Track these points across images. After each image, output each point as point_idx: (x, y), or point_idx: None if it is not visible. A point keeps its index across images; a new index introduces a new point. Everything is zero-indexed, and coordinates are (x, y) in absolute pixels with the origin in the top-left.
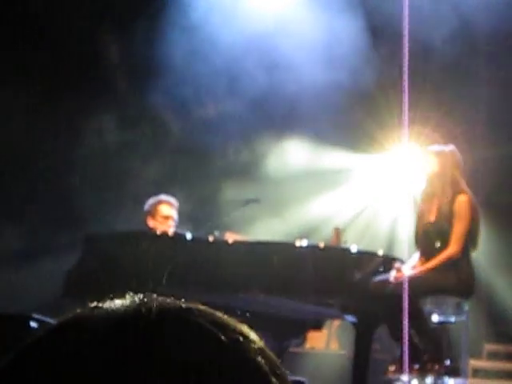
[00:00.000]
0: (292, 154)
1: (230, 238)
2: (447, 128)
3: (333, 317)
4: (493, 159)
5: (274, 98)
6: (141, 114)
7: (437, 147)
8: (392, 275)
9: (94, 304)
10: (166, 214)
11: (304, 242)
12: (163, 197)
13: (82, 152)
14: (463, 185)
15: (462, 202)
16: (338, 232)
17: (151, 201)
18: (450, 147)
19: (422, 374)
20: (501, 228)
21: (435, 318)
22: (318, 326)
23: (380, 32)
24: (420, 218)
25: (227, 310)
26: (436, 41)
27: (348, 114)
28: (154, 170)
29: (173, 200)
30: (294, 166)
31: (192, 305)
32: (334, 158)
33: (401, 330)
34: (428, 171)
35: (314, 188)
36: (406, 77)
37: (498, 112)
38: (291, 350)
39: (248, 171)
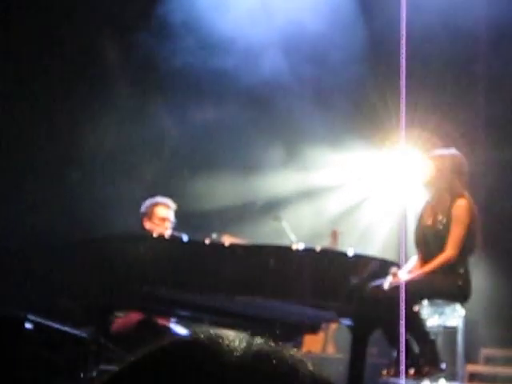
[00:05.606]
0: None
1: (227, 240)
2: (446, 131)
3: (329, 320)
4: (492, 162)
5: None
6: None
7: (437, 151)
8: (388, 280)
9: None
10: (162, 216)
11: (301, 246)
12: (160, 199)
13: (81, 153)
14: (463, 189)
15: (461, 206)
16: (335, 234)
17: (147, 203)
18: (451, 151)
19: (418, 377)
20: (500, 232)
21: (431, 322)
22: (314, 330)
23: (378, 35)
24: (419, 221)
25: (224, 313)
26: (434, 43)
27: (346, 117)
28: (152, 171)
29: (169, 202)
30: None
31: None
32: (331, 159)
33: (397, 335)
34: (426, 175)
35: (313, 189)
36: (403, 79)
37: (498, 115)
38: None
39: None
